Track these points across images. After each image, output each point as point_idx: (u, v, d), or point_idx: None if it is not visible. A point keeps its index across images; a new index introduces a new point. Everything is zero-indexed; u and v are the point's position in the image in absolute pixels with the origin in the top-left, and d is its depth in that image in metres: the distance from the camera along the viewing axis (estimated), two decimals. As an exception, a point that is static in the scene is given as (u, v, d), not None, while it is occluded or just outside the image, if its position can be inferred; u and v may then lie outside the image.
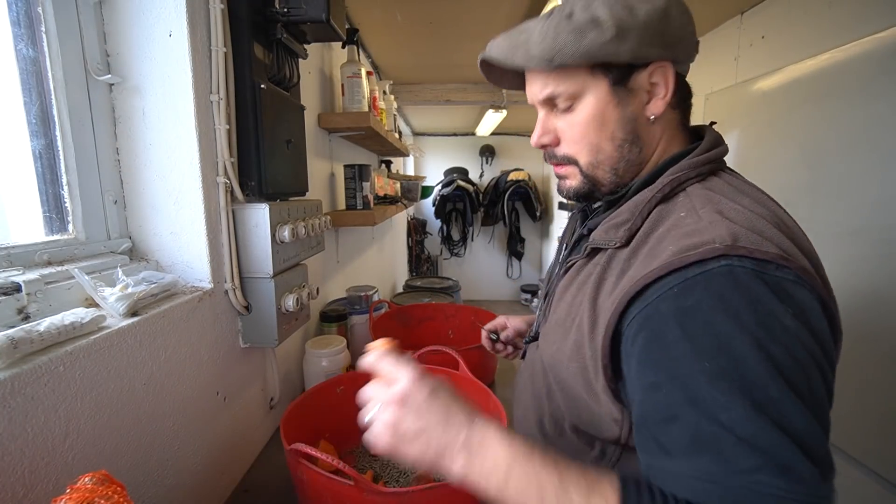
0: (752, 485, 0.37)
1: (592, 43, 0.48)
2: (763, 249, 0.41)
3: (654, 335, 0.43)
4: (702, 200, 0.49)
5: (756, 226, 0.44)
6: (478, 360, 1.14)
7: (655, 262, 0.45)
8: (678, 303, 0.42)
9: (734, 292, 0.40)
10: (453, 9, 1.72)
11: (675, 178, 0.51)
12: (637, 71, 0.52)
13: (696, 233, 0.44)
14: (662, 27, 0.50)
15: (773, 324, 0.39)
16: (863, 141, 1.23)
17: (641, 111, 0.54)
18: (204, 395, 0.75)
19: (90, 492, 0.37)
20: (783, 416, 0.38)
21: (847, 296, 1.28)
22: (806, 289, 0.42)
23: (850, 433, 1.28)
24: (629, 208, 0.53)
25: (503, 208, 4.65)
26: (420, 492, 0.58)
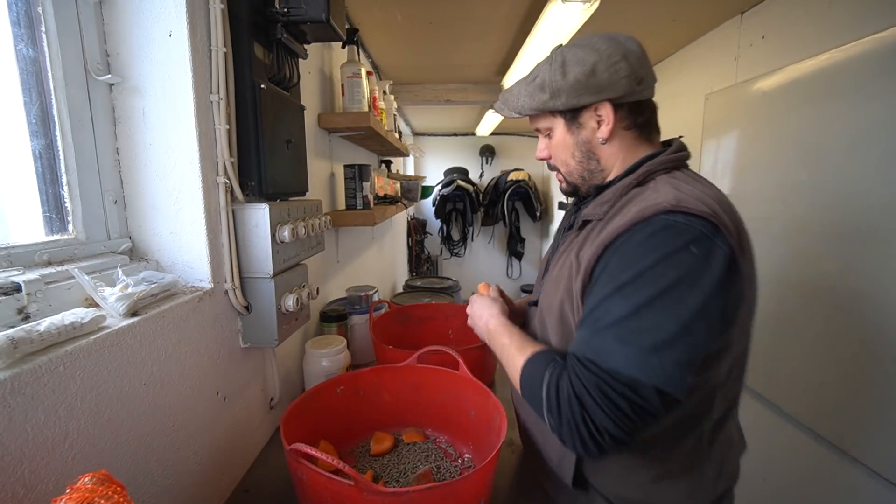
0: (604, 346, 0.57)
1: (539, 101, 0.73)
2: (696, 209, 0.58)
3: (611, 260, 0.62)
4: (664, 184, 0.66)
5: (699, 197, 0.61)
6: (478, 360, 1.14)
7: (625, 220, 0.62)
8: (629, 240, 0.61)
9: (661, 233, 0.59)
10: (453, 9, 1.72)
11: (648, 169, 0.69)
12: (583, 110, 0.72)
13: (653, 199, 0.62)
14: (588, 82, 0.69)
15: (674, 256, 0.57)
16: (863, 141, 1.23)
17: (593, 136, 0.74)
18: (204, 395, 0.75)
19: (90, 492, 0.37)
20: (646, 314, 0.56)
21: (847, 296, 1.28)
22: (718, 241, 0.58)
23: (851, 433, 1.28)
24: (613, 192, 0.70)
25: (503, 208, 4.64)
26: (420, 492, 0.58)
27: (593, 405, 0.56)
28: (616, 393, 0.55)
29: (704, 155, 1.98)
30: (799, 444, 1.47)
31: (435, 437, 0.94)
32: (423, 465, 0.85)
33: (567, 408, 0.58)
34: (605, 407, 0.55)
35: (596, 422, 0.56)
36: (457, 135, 5.00)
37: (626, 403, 0.54)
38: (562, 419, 0.58)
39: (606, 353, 0.56)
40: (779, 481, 1.57)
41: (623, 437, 0.56)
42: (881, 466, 1.19)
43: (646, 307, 0.56)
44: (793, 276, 1.48)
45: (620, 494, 0.69)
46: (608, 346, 0.57)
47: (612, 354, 0.56)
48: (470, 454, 0.88)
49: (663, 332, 0.55)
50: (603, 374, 0.56)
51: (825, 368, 1.36)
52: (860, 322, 1.25)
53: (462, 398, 0.90)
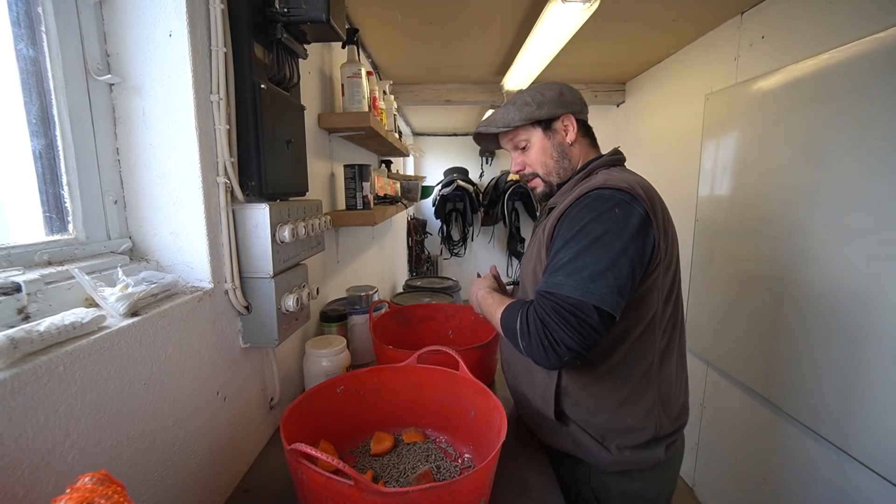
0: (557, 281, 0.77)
1: (527, 113, 0.94)
2: (618, 185, 0.80)
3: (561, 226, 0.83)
4: (600, 174, 0.89)
5: (622, 178, 0.83)
6: (478, 360, 1.14)
7: (570, 197, 0.85)
8: (572, 210, 0.82)
9: (594, 202, 0.80)
10: (453, 9, 1.72)
11: (593, 166, 0.94)
12: (554, 121, 0.96)
13: (590, 183, 0.85)
14: (560, 99, 0.95)
15: (603, 216, 0.78)
16: (863, 141, 1.23)
17: (564, 140, 0.96)
18: (204, 395, 0.75)
19: (90, 491, 0.37)
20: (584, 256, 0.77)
21: (848, 296, 1.28)
22: (635, 201, 0.79)
23: (851, 433, 1.28)
24: (569, 184, 0.95)
25: (503, 208, 4.64)
26: (420, 492, 0.58)
27: (552, 323, 0.75)
28: (567, 312, 0.74)
29: (704, 155, 1.98)
30: (799, 444, 1.47)
31: (435, 437, 0.94)
32: (423, 465, 0.85)
33: (534, 328, 0.77)
34: (559, 323, 0.74)
35: (554, 335, 0.74)
36: (457, 135, 5.00)
37: (574, 319, 0.74)
38: (531, 339, 0.77)
39: (559, 286, 0.77)
40: (779, 481, 1.57)
41: (575, 347, 0.74)
42: (881, 466, 1.19)
43: (584, 251, 0.77)
44: (793, 276, 1.48)
45: (592, 422, 0.89)
46: (560, 280, 0.77)
47: (563, 286, 0.76)
48: (470, 454, 0.88)
49: (597, 267, 0.75)
50: (557, 299, 0.76)
51: (825, 368, 1.36)
52: (860, 322, 1.25)
53: (462, 398, 0.90)
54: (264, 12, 0.83)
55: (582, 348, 0.74)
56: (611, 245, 0.76)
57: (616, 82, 2.90)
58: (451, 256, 5.12)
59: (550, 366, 0.78)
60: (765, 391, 1.62)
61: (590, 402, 0.88)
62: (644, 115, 2.67)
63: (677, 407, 0.93)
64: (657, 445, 0.89)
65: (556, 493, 0.83)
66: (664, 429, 0.89)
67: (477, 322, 1.38)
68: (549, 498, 0.82)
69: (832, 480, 1.35)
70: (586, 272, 0.75)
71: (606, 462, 0.88)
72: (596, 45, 2.11)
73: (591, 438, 0.89)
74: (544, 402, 0.91)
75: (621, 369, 0.86)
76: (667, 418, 0.89)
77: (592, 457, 0.90)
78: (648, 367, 0.87)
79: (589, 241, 0.77)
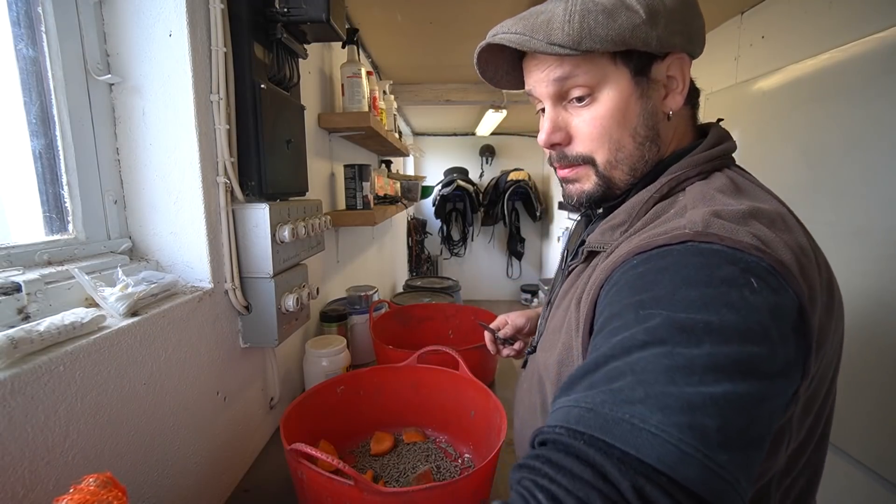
0: (632, 416, 0.31)
1: (624, 25, 0.45)
2: (736, 238, 0.37)
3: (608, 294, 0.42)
4: (696, 199, 0.45)
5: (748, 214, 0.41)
6: (478, 360, 1.14)
7: (628, 247, 0.43)
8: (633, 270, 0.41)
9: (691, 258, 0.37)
10: (453, 9, 1.72)
11: (675, 176, 0.49)
12: (656, 62, 0.49)
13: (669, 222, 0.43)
14: (685, 17, 0.48)
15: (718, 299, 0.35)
16: (864, 141, 1.23)
17: (660, 106, 0.52)
18: (204, 395, 0.75)
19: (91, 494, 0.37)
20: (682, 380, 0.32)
21: (850, 297, 1.27)
22: (782, 286, 0.37)
23: (852, 433, 1.28)
24: (626, 210, 0.50)
25: (503, 208, 4.65)
26: (420, 492, 0.58)
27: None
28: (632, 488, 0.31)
29: (704, 155, 1.98)
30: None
31: (435, 437, 0.94)
32: (423, 465, 0.85)
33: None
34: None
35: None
36: (457, 135, 5.00)
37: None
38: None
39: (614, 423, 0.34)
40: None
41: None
42: (882, 467, 1.19)
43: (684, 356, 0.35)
44: (793, 276, 1.48)
45: None
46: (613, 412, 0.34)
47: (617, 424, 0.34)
48: (470, 454, 0.88)
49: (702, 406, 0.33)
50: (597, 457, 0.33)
51: (825, 368, 1.36)
52: (861, 322, 1.25)
53: (462, 398, 0.90)
54: (264, 12, 0.83)
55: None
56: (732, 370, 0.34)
57: (616, 82, 2.89)
58: (451, 256, 5.12)
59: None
60: (765, 391, 1.62)
61: None
62: (644, 115, 2.66)
63: None
64: None
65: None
66: None
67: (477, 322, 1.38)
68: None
69: (832, 480, 1.35)
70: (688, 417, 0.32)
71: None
72: (596, 45, 2.11)
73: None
74: None
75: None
76: None
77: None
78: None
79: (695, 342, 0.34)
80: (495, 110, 3.01)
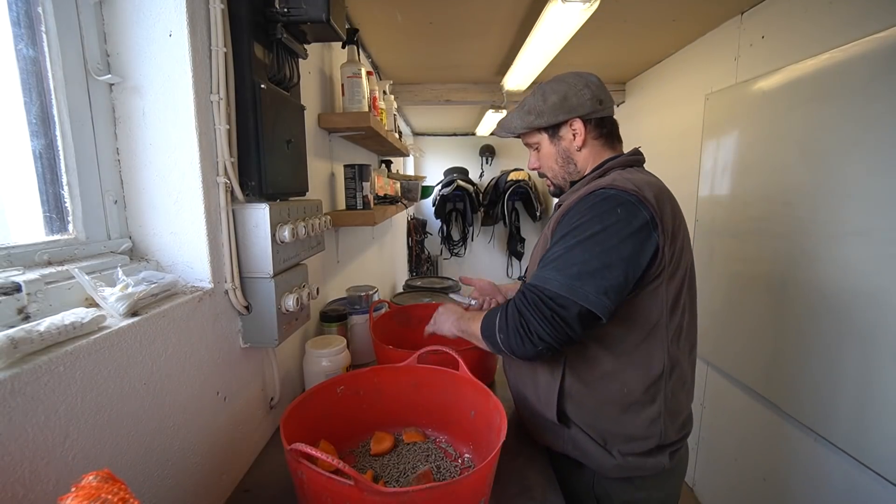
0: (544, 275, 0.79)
1: (528, 122, 0.95)
2: (625, 187, 0.79)
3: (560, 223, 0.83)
4: (613, 174, 0.88)
5: (632, 180, 0.81)
6: (478, 360, 1.14)
7: (575, 196, 0.85)
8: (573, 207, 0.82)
9: (596, 199, 0.79)
10: (453, 9, 1.72)
11: (607, 166, 0.92)
12: (561, 126, 0.94)
13: (598, 183, 0.84)
14: (563, 104, 0.91)
15: (603, 215, 0.77)
16: (863, 141, 1.23)
17: (571, 145, 0.95)
18: (204, 394, 0.75)
19: (97, 489, 0.37)
20: (576, 252, 0.77)
21: (849, 297, 1.28)
22: (640, 207, 0.77)
23: (851, 433, 1.28)
24: (581, 183, 0.93)
25: (503, 208, 4.64)
26: (420, 492, 0.58)
27: (528, 314, 0.78)
28: (545, 305, 0.76)
29: (704, 155, 1.98)
30: (799, 445, 1.47)
31: (435, 437, 0.94)
32: (423, 465, 0.85)
33: (511, 319, 0.80)
34: (536, 314, 0.77)
35: (530, 326, 0.77)
36: (457, 135, 5.00)
37: (550, 313, 0.76)
38: (508, 329, 0.80)
39: (546, 280, 0.78)
40: (779, 481, 1.57)
41: (548, 339, 0.76)
42: (881, 466, 1.19)
43: (577, 247, 0.77)
44: (793, 275, 1.48)
45: (594, 425, 0.88)
46: (548, 275, 0.78)
47: (550, 280, 0.77)
48: (470, 454, 0.88)
49: (587, 266, 0.75)
50: (540, 292, 0.78)
51: (825, 368, 1.36)
52: (861, 322, 1.25)
53: (462, 398, 0.90)
54: (264, 12, 0.83)
55: (555, 342, 0.76)
56: (605, 244, 0.75)
57: (616, 82, 2.90)
58: (451, 256, 5.12)
59: (525, 355, 0.80)
60: (765, 392, 1.62)
61: (593, 404, 0.87)
62: (644, 115, 2.67)
63: (683, 416, 0.91)
64: (661, 453, 0.88)
65: (556, 493, 0.83)
66: (669, 437, 0.87)
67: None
68: (549, 498, 0.82)
69: (833, 480, 1.35)
70: (574, 269, 0.76)
71: (609, 467, 0.87)
72: (596, 45, 2.11)
73: (592, 442, 0.88)
74: (546, 403, 0.90)
75: (626, 375, 0.85)
76: (672, 427, 0.88)
77: (594, 460, 0.89)
78: (657, 377, 0.85)
79: (583, 238, 0.77)
80: (495, 110, 3.01)
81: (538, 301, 0.77)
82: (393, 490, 0.58)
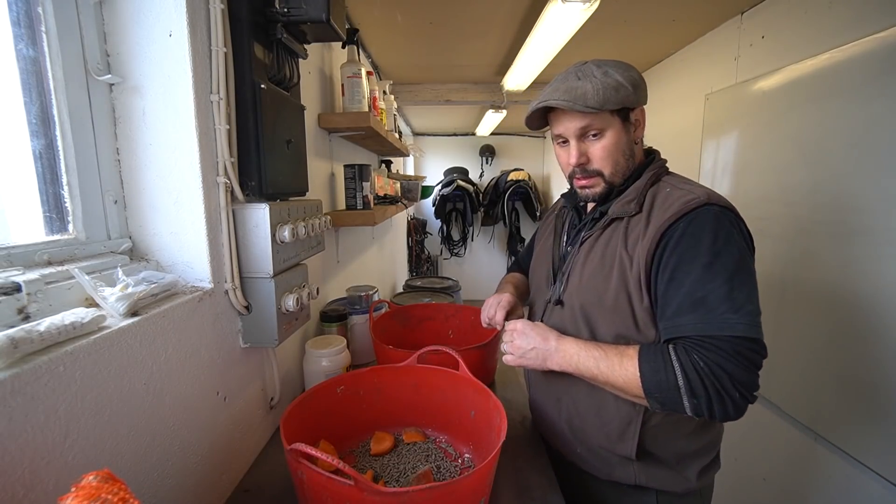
0: (724, 319, 0.69)
1: (623, 95, 0.78)
2: (721, 203, 0.76)
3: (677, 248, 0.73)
4: (675, 183, 0.82)
5: (710, 192, 0.78)
6: (478, 360, 1.14)
7: (667, 214, 0.75)
8: (688, 229, 0.74)
9: (714, 221, 0.73)
10: (453, 9, 1.72)
11: (655, 172, 0.84)
12: (631, 111, 0.83)
13: (686, 196, 0.77)
14: (642, 85, 0.83)
15: (732, 237, 0.73)
16: (863, 141, 1.23)
17: (633, 137, 0.85)
18: (204, 394, 0.75)
19: (97, 489, 0.37)
20: (738, 287, 0.70)
21: (849, 297, 1.28)
22: (740, 220, 0.76)
23: (851, 433, 1.28)
24: (632, 192, 0.83)
25: (503, 208, 4.65)
26: (420, 492, 0.58)
27: (737, 369, 0.67)
28: (750, 352, 0.68)
29: (704, 155, 1.98)
30: (799, 444, 1.47)
31: (435, 437, 0.94)
32: (423, 465, 0.85)
33: (709, 381, 0.67)
34: (746, 366, 0.67)
35: (743, 381, 0.67)
36: (457, 135, 5.00)
37: (758, 358, 0.68)
38: (708, 394, 0.68)
39: (728, 325, 0.68)
40: (779, 481, 1.57)
41: (757, 389, 0.69)
42: (881, 466, 1.19)
43: (736, 280, 0.70)
44: (793, 275, 1.48)
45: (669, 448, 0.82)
46: (727, 319, 0.68)
47: (734, 325, 0.68)
48: (470, 454, 0.88)
49: (753, 299, 0.70)
50: (734, 341, 0.68)
51: (825, 368, 1.36)
52: (861, 322, 1.25)
53: (462, 398, 0.90)
54: (264, 12, 0.83)
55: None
56: (749, 270, 0.72)
57: (616, 82, 2.90)
58: (451, 256, 5.12)
59: (736, 418, 0.69)
60: (765, 391, 1.62)
61: (670, 429, 0.82)
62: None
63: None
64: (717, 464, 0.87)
65: (556, 493, 0.83)
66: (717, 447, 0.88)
67: (477, 322, 1.38)
68: (549, 498, 0.82)
69: (833, 480, 1.35)
70: (750, 306, 0.69)
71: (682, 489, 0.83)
72: (596, 45, 2.11)
73: (664, 466, 0.83)
74: (620, 438, 0.82)
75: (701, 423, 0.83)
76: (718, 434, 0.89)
77: (664, 483, 0.84)
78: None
79: (735, 269, 0.70)
80: (495, 110, 3.01)
81: (741, 350, 0.67)
82: (393, 490, 0.58)
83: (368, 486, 0.56)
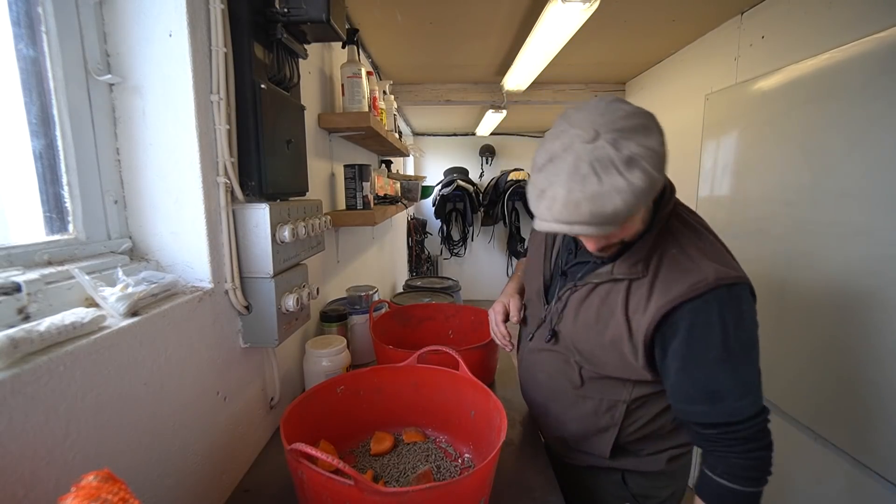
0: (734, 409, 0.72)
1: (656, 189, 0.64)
2: (728, 280, 0.71)
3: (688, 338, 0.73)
4: (683, 243, 0.77)
5: (720, 260, 0.74)
6: (478, 360, 1.14)
7: (672, 293, 0.72)
8: (697, 320, 0.72)
9: (722, 309, 0.71)
10: (453, 9, 1.72)
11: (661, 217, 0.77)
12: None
13: (692, 277, 0.72)
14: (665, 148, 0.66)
15: (742, 319, 0.72)
16: (863, 141, 1.23)
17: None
18: (204, 394, 0.75)
19: (97, 489, 0.37)
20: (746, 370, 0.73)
21: (849, 297, 1.28)
22: (751, 294, 0.74)
23: (851, 433, 1.28)
24: (641, 249, 0.77)
25: (503, 208, 4.64)
26: (420, 492, 0.58)
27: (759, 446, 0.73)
28: (752, 427, 0.73)
29: (704, 155, 1.98)
30: (799, 444, 1.47)
31: (435, 437, 0.94)
32: (423, 464, 0.85)
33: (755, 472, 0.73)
34: (766, 438, 0.74)
35: (768, 455, 0.74)
36: (457, 135, 5.00)
37: (760, 423, 0.73)
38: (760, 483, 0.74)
39: (738, 410, 0.72)
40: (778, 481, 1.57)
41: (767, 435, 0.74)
42: (882, 466, 1.19)
43: (743, 365, 0.72)
44: (793, 276, 1.48)
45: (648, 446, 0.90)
46: (736, 405, 0.72)
47: (743, 408, 0.72)
48: (470, 454, 0.88)
49: (756, 371, 0.74)
50: (748, 421, 0.72)
51: (825, 368, 1.36)
52: (860, 322, 1.25)
53: (462, 398, 0.90)
54: (264, 12, 0.83)
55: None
56: (756, 350, 0.74)
57: (616, 82, 2.90)
58: (451, 256, 5.12)
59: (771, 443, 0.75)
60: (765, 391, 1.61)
61: (649, 432, 0.89)
62: (644, 115, 2.67)
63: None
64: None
65: (556, 493, 0.83)
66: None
67: (477, 322, 1.38)
68: (549, 498, 0.82)
69: (833, 480, 1.35)
70: (754, 383, 0.74)
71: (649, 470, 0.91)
72: (596, 45, 2.11)
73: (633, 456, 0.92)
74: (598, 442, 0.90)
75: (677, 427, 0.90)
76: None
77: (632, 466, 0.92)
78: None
79: (745, 355, 0.72)
80: (495, 111, 3.01)
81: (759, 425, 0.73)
82: (393, 490, 0.58)
83: (368, 486, 0.56)
